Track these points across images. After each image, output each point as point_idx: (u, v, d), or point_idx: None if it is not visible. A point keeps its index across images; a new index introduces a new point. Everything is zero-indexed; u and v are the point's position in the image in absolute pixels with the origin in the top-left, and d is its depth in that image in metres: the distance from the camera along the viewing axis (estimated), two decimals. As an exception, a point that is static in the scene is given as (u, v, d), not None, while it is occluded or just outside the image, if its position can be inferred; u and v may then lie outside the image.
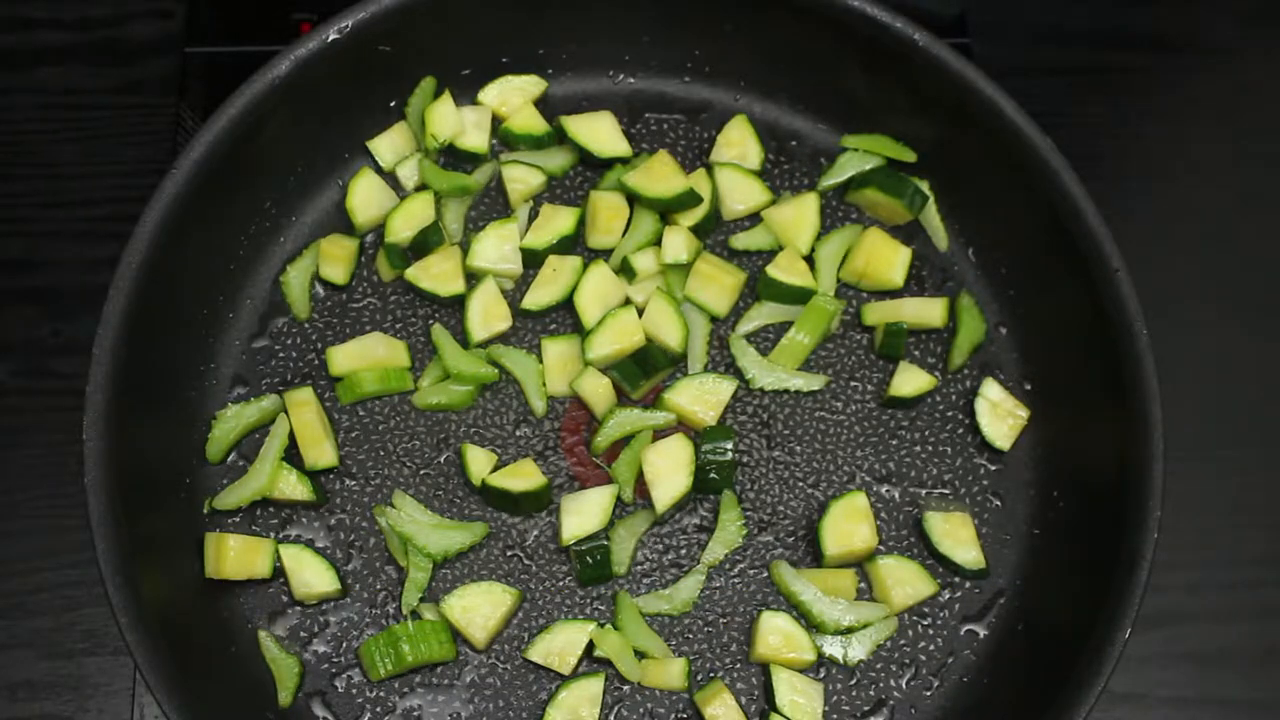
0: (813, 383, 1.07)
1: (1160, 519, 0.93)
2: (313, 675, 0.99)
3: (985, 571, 1.02)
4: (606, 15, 1.07)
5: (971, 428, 1.06)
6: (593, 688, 0.97)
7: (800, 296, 1.07)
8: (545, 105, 1.14)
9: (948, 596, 1.02)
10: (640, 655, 0.99)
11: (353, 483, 1.04)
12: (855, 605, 1.00)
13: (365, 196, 1.10)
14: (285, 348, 1.07)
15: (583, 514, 1.00)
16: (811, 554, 1.03)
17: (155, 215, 0.97)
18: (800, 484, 1.05)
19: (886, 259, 1.08)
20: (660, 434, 1.04)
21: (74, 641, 1.02)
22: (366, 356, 1.05)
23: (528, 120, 1.12)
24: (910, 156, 1.11)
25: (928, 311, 1.08)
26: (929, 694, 1.00)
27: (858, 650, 1.00)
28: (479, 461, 1.02)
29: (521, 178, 1.10)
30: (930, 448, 1.06)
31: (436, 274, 1.06)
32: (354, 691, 0.99)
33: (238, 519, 1.02)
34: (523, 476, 1.01)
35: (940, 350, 1.09)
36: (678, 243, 1.08)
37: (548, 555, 1.02)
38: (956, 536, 1.02)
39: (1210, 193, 1.20)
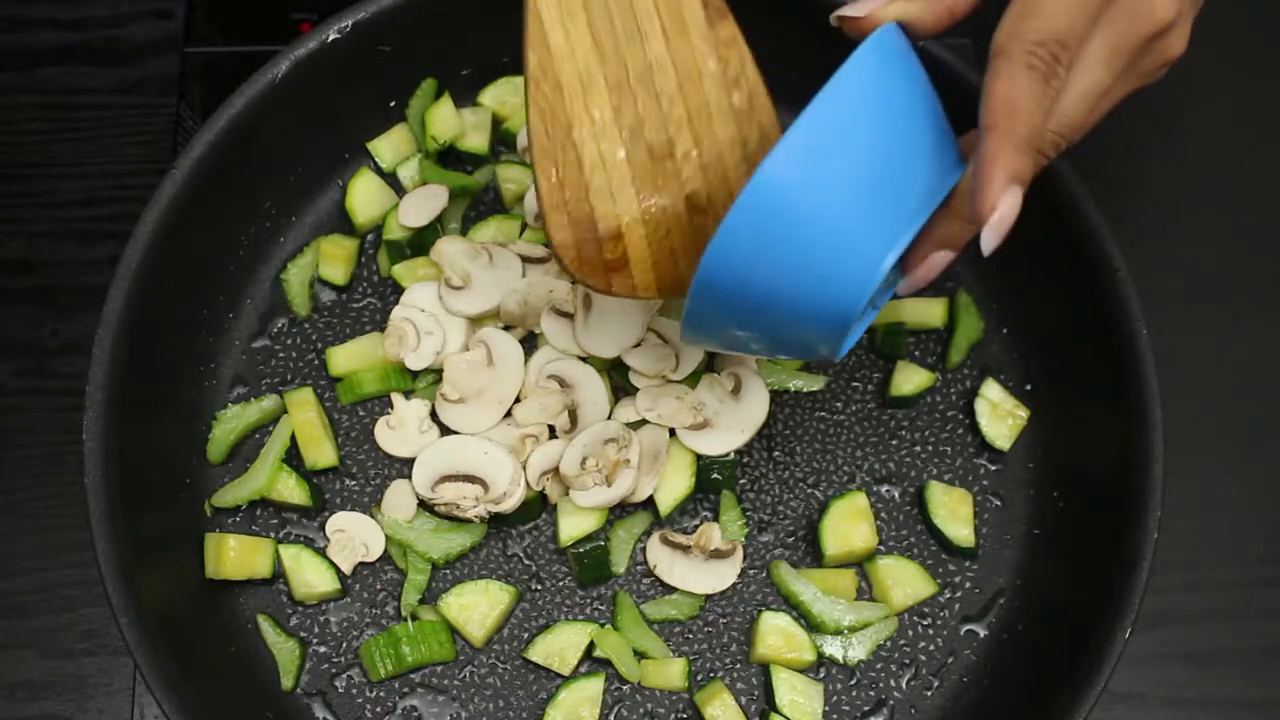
0: (813, 383, 1.06)
1: (1160, 519, 0.93)
2: (313, 675, 0.99)
3: (974, 552, 1.02)
4: (606, 15, 1.07)
5: (971, 428, 1.06)
6: (593, 688, 0.97)
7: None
8: (545, 105, 1.14)
9: (948, 596, 1.02)
10: (640, 655, 0.99)
11: (353, 483, 1.04)
12: (855, 605, 1.00)
13: (365, 196, 1.10)
14: (285, 348, 1.07)
15: (580, 514, 1.00)
16: (811, 554, 1.03)
17: (155, 215, 0.97)
18: (800, 484, 1.05)
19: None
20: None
21: (74, 641, 1.02)
22: (366, 356, 1.05)
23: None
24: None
25: (927, 311, 1.08)
26: (929, 694, 1.00)
27: (858, 650, 1.00)
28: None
29: (515, 177, 1.10)
30: (930, 448, 1.06)
31: (422, 275, 1.06)
32: (354, 691, 0.99)
33: (238, 519, 1.02)
34: None
35: (940, 350, 1.09)
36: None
37: (547, 555, 1.02)
38: (953, 511, 1.02)
39: (1211, 192, 1.19)
